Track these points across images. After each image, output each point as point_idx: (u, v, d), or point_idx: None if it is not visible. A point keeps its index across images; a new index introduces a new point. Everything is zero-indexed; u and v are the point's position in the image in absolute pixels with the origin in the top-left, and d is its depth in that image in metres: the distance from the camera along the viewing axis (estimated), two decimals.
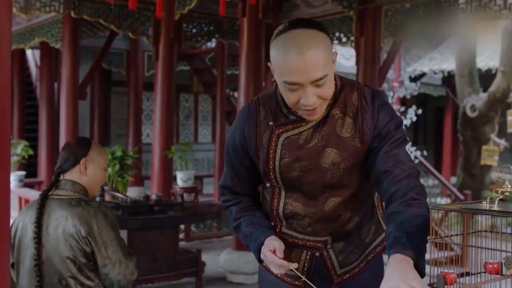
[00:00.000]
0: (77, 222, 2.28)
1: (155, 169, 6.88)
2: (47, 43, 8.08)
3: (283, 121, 1.71)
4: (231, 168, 1.84)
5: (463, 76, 11.09)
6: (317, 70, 1.53)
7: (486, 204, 1.50)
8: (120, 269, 2.30)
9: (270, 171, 1.73)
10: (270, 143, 1.71)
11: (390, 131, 1.68)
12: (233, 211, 1.87)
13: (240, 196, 1.87)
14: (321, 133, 1.68)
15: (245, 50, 5.72)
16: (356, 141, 1.68)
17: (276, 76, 1.62)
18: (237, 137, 1.78)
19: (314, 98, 1.57)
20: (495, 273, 1.51)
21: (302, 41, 1.52)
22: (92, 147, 2.47)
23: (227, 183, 1.87)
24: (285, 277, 1.86)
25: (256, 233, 1.77)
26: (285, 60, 1.54)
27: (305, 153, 1.69)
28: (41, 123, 9.37)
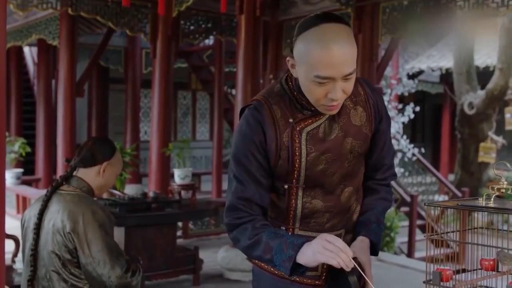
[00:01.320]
0: (65, 217, 2.27)
1: (152, 167, 6.87)
2: (45, 40, 8.07)
3: (300, 116, 1.70)
4: (250, 175, 1.69)
5: (461, 73, 11.11)
6: (350, 64, 1.56)
7: (483, 201, 1.51)
8: (104, 270, 2.23)
9: (295, 170, 1.70)
10: (293, 140, 1.69)
11: (388, 128, 1.86)
12: (249, 229, 1.68)
13: (256, 210, 1.72)
14: (340, 124, 1.73)
15: (242, 47, 5.71)
16: (367, 129, 1.78)
17: (302, 70, 1.60)
18: (256, 137, 1.68)
19: (341, 92, 1.59)
20: (491, 270, 1.51)
21: (337, 36, 1.54)
22: (116, 152, 2.47)
23: (246, 194, 1.69)
24: (304, 279, 1.80)
25: (289, 240, 1.63)
26: (321, 54, 1.53)
27: (329, 145, 1.71)
28: (39, 121, 9.36)
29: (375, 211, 1.84)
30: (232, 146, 1.74)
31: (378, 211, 1.85)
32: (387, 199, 1.90)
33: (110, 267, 2.25)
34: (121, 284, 2.26)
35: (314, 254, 1.57)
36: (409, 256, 7.34)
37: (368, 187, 1.90)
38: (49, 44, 8.19)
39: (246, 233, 1.68)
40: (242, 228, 1.69)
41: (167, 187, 6.45)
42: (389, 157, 1.90)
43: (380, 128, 1.82)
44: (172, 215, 5.14)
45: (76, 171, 2.43)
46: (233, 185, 1.70)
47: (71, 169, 2.43)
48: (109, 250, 2.27)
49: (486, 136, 11.02)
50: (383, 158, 1.88)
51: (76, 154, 2.45)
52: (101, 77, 11.27)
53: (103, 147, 2.45)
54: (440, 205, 1.52)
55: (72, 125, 7.38)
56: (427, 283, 1.49)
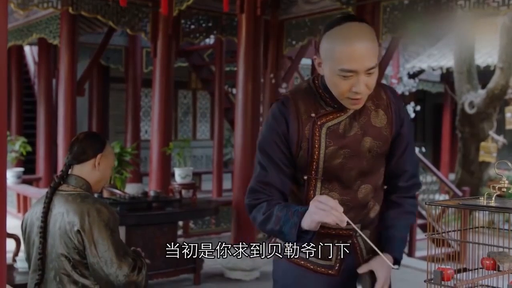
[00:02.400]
0: (71, 219, 2.27)
1: (153, 166, 6.88)
2: (45, 39, 8.07)
3: (323, 112, 1.84)
4: (273, 162, 1.83)
5: (462, 72, 11.10)
6: (372, 58, 1.69)
7: (484, 200, 1.51)
8: (112, 269, 2.23)
9: (313, 161, 1.82)
10: (313, 133, 1.81)
11: (410, 133, 1.96)
12: (264, 206, 1.82)
13: (275, 194, 1.85)
14: (360, 123, 1.84)
15: (243, 47, 5.71)
16: (387, 131, 1.88)
17: (327, 66, 1.73)
18: (280, 129, 1.82)
19: (364, 86, 1.71)
20: (492, 269, 1.51)
21: (361, 32, 1.69)
22: (107, 144, 2.47)
23: (268, 179, 1.83)
24: (318, 268, 1.90)
25: (294, 209, 1.76)
26: (345, 49, 1.67)
27: (348, 141, 1.83)
28: (39, 120, 9.36)
29: (398, 228, 1.93)
30: (260, 137, 1.89)
31: (402, 226, 1.94)
32: (411, 213, 1.98)
33: (117, 266, 2.25)
34: (128, 283, 2.26)
35: (310, 215, 1.68)
36: (409, 255, 7.33)
37: (392, 201, 1.97)
38: (49, 43, 8.20)
39: (262, 210, 1.82)
40: (259, 207, 1.83)
41: (167, 186, 6.45)
42: (411, 164, 1.97)
43: (401, 132, 1.92)
44: (172, 214, 5.14)
45: (71, 168, 2.42)
46: (257, 170, 1.86)
47: (66, 167, 2.42)
48: (116, 249, 2.26)
49: (487, 136, 11.02)
50: (404, 163, 1.95)
51: (68, 152, 2.44)
52: (102, 76, 11.26)
53: (94, 140, 2.45)
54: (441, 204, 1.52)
55: (73, 124, 7.39)
56: (429, 282, 1.49)
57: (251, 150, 5.68)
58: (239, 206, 5.68)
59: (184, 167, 5.52)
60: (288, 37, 7.69)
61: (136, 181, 9.07)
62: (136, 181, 9.07)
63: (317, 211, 1.66)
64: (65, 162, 2.44)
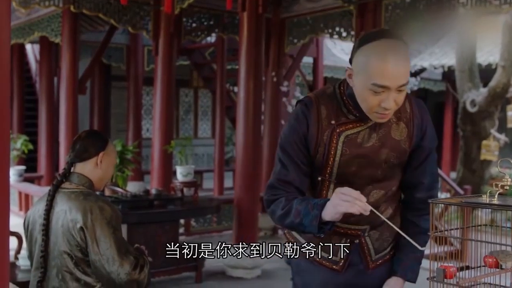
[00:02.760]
0: (74, 216, 2.27)
1: (155, 164, 6.88)
2: (47, 37, 8.07)
3: (343, 120, 1.87)
4: (293, 161, 1.88)
5: (463, 71, 11.08)
6: (405, 76, 1.72)
7: (486, 198, 1.50)
8: (113, 267, 2.23)
9: (328, 166, 1.88)
10: (331, 140, 1.85)
11: (432, 148, 1.97)
12: (283, 201, 1.87)
13: (292, 190, 1.90)
14: (379, 135, 1.88)
15: (245, 45, 5.71)
16: (406, 145, 1.91)
17: (359, 79, 1.75)
18: (300, 130, 1.87)
19: (393, 102, 1.74)
20: (494, 267, 1.51)
21: (395, 50, 1.70)
22: (109, 142, 2.48)
23: (288, 178, 1.89)
24: (323, 261, 1.96)
25: (313, 201, 1.81)
26: (379, 65, 1.69)
27: (364, 151, 1.87)
28: (41, 118, 9.37)
29: (412, 248, 1.90)
30: (282, 135, 1.93)
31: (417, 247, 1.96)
32: (425, 231, 1.97)
33: (119, 264, 2.25)
34: (130, 281, 2.26)
35: (334, 207, 1.73)
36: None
37: (408, 220, 2.00)
38: (51, 41, 8.20)
39: (280, 204, 1.87)
40: (278, 202, 1.89)
41: (169, 184, 6.46)
42: (430, 176, 1.97)
43: (422, 144, 1.94)
44: (174, 212, 5.15)
45: (73, 167, 2.42)
46: (278, 168, 1.92)
47: (68, 165, 2.42)
48: (118, 247, 2.26)
49: (489, 134, 10.99)
50: (421, 174, 1.96)
51: (70, 150, 2.44)
52: (103, 74, 11.27)
53: (96, 138, 2.45)
54: (444, 202, 1.52)
55: (75, 122, 7.39)
56: (431, 280, 1.49)
57: (252, 148, 5.68)
58: (241, 204, 5.68)
59: (185, 165, 5.52)
60: (290, 35, 7.68)
61: (138, 179, 9.08)
62: (138, 179, 9.08)
63: (342, 202, 1.71)
64: (67, 160, 2.44)
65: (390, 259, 2.01)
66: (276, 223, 1.95)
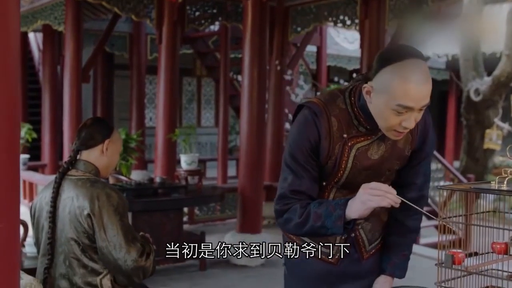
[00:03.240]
0: (81, 203, 2.28)
1: (158, 152, 6.89)
2: (50, 26, 8.05)
3: (354, 133, 1.86)
4: (305, 170, 1.86)
5: (468, 60, 11.04)
6: (427, 97, 1.72)
7: (495, 184, 1.50)
8: (120, 254, 2.24)
9: (336, 176, 1.88)
10: (343, 153, 1.85)
11: (431, 151, 1.99)
12: (298, 209, 1.85)
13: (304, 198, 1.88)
14: (387, 146, 1.88)
15: (249, 33, 5.69)
16: (408, 151, 1.93)
17: (382, 98, 1.72)
18: (312, 138, 1.84)
19: (414, 122, 1.75)
20: (503, 253, 1.51)
21: (423, 72, 1.70)
22: (114, 130, 2.49)
23: (302, 188, 1.87)
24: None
25: (333, 202, 1.82)
26: (406, 86, 1.68)
27: (373, 163, 1.88)
28: (44, 107, 9.37)
29: (401, 247, 2.02)
30: (291, 141, 1.88)
31: (405, 244, 2.03)
32: (414, 230, 2.04)
33: (126, 251, 2.25)
34: (136, 267, 2.27)
35: (364, 203, 1.73)
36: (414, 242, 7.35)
37: (397, 220, 2.01)
38: (54, 30, 8.17)
39: (296, 213, 1.85)
40: (292, 209, 1.86)
41: (173, 172, 6.47)
42: (423, 177, 2.00)
43: (422, 147, 1.95)
44: (178, 200, 5.16)
45: (79, 154, 2.43)
46: (290, 177, 1.87)
47: (74, 153, 2.43)
48: (125, 234, 2.27)
49: (492, 123, 10.98)
50: (415, 175, 1.98)
51: (76, 138, 2.45)
52: (106, 63, 11.25)
53: (101, 126, 2.46)
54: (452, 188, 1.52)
55: (78, 110, 7.39)
56: (440, 265, 1.49)
57: (257, 136, 5.68)
58: (245, 193, 5.69)
59: (190, 153, 5.52)
60: (294, 24, 7.65)
61: (141, 168, 9.09)
62: (141, 168, 9.09)
63: (372, 197, 1.71)
64: (73, 148, 2.44)
65: (381, 247, 2.05)
66: (289, 231, 1.94)
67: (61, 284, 2.33)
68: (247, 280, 5.21)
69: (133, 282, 2.31)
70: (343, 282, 1.98)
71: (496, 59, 10.91)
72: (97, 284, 2.30)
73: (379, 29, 6.29)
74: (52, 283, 2.35)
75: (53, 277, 2.35)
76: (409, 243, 2.03)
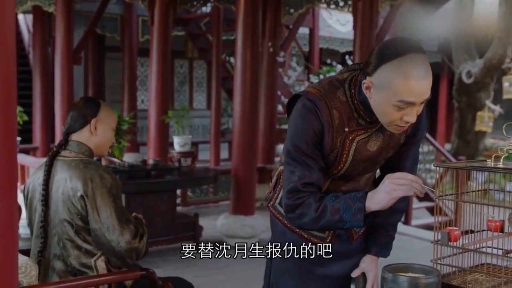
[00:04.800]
0: (74, 185, 2.26)
1: (151, 134, 6.87)
2: (40, 7, 7.97)
3: (355, 126, 1.86)
4: (313, 161, 1.84)
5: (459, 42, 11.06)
6: (429, 91, 1.71)
7: (491, 163, 1.51)
8: (114, 236, 2.24)
9: (336, 168, 1.88)
10: (344, 147, 1.85)
11: (422, 137, 2.01)
12: (312, 203, 1.83)
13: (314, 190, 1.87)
14: (385, 137, 1.89)
15: (242, 14, 5.65)
16: (402, 139, 1.93)
17: (383, 94, 1.71)
18: (316, 129, 1.82)
19: (416, 115, 1.74)
20: (499, 231, 1.53)
21: (424, 66, 1.68)
22: (101, 107, 2.43)
23: (313, 179, 1.85)
24: (311, 238, 2.00)
25: (351, 195, 1.81)
26: (408, 83, 1.67)
27: (372, 154, 1.89)
28: (35, 89, 9.30)
29: (387, 227, 2.04)
30: (293, 133, 1.84)
31: (390, 225, 2.05)
32: (400, 211, 2.04)
33: (119, 233, 2.25)
34: (129, 249, 2.26)
35: (389, 193, 1.72)
36: (406, 224, 7.41)
37: None
38: (44, 11, 8.09)
39: (311, 207, 1.83)
40: (306, 204, 1.83)
41: (166, 155, 6.46)
42: (412, 161, 2.02)
43: (414, 133, 1.95)
44: (171, 182, 5.16)
45: (70, 136, 2.41)
46: (298, 170, 1.84)
47: (64, 135, 2.41)
48: (118, 216, 2.26)
49: (484, 105, 11.03)
50: (404, 159, 2.00)
51: (66, 120, 2.43)
52: (97, 45, 11.16)
53: (87, 106, 2.41)
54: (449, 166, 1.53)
55: (70, 92, 7.35)
56: (436, 243, 1.50)
57: (250, 118, 5.67)
58: (238, 175, 5.69)
59: (183, 135, 5.52)
60: (286, 5, 7.61)
61: (133, 151, 9.07)
62: (133, 151, 9.07)
63: (398, 187, 1.72)
64: (63, 130, 2.43)
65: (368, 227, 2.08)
66: (302, 226, 1.91)
67: (56, 265, 2.32)
68: (240, 261, 5.23)
69: (126, 264, 2.31)
70: (333, 261, 2.00)
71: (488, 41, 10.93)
72: (92, 265, 2.30)
73: (372, 11, 6.27)
74: (46, 265, 2.35)
75: (47, 259, 2.34)
76: (394, 223, 2.05)
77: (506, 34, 9.96)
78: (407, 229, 6.69)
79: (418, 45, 1.71)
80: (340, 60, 11.41)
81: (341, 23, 12.55)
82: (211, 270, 4.95)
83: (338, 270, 2.02)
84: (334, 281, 2.01)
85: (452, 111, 12.95)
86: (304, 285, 2.03)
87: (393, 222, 2.04)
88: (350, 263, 2.03)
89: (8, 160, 1.19)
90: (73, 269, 2.30)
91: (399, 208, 2.00)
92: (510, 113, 11.85)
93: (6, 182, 1.22)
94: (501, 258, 1.55)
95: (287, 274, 2.06)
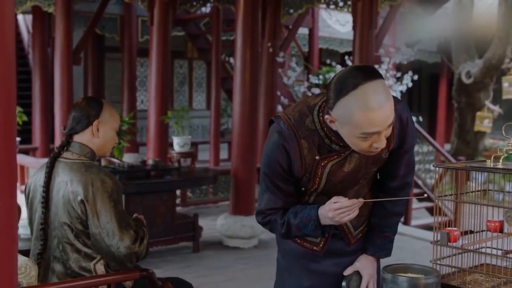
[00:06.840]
0: (74, 188, 2.24)
1: (151, 135, 6.87)
2: (40, 7, 7.97)
3: (327, 152, 1.83)
4: (279, 190, 1.89)
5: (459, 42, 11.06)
6: (392, 115, 1.65)
7: (491, 163, 1.51)
8: (113, 241, 2.22)
9: (312, 187, 1.89)
10: (316, 171, 1.84)
11: (412, 146, 1.94)
12: (278, 220, 1.92)
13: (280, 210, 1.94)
14: (362, 156, 1.83)
15: (241, 15, 5.65)
16: (384, 154, 1.86)
17: (345, 129, 1.67)
18: (283, 163, 1.83)
19: (385, 140, 1.69)
20: (498, 231, 1.53)
21: (381, 93, 1.61)
22: (104, 108, 2.40)
23: (279, 205, 1.91)
24: (304, 243, 2.01)
25: (306, 214, 1.85)
26: (368, 115, 1.60)
27: (348, 173, 1.86)
28: (35, 89, 9.30)
29: (382, 228, 2.02)
30: (264, 160, 1.88)
31: (386, 226, 2.02)
32: (398, 214, 2.02)
33: (119, 238, 2.23)
34: (129, 254, 2.25)
35: (332, 219, 1.78)
36: (405, 224, 7.41)
37: (380, 205, 2.02)
38: (44, 11, 8.09)
39: (277, 224, 1.93)
40: (273, 221, 1.94)
41: (165, 155, 6.46)
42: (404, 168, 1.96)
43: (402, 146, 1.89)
44: (171, 182, 5.16)
45: (72, 137, 2.38)
46: (267, 196, 1.92)
47: (66, 137, 2.38)
48: (118, 221, 2.24)
49: (483, 105, 11.03)
50: (398, 167, 1.96)
51: (68, 122, 2.41)
52: (97, 45, 11.16)
53: (89, 107, 2.38)
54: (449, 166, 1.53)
55: (70, 93, 7.35)
56: (435, 244, 1.50)
57: (249, 118, 5.67)
58: (238, 175, 5.69)
59: (182, 135, 5.51)
60: (286, 5, 7.61)
61: (133, 151, 9.07)
62: (133, 151, 9.07)
63: (340, 216, 1.76)
64: (65, 132, 2.41)
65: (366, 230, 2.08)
66: (280, 236, 2.01)
67: (55, 267, 2.32)
68: (240, 261, 5.24)
69: (126, 267, 2.29)
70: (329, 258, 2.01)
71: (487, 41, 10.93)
72: (91, 269, 2.28)
73: (371, 11, 6.26)
74: (46, 266, 2.34)
75: (46, 261, 2.34)
76: (391, 225, 2.02)
77: (506, 34, 9.97)
78: (406, 229, 6.70)
79: (372, 71, 1.64)
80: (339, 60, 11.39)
81: (340, 24, 12.55)
82: (211, 270, 4.96)
83: (334, 267, 2.02)
84: (331, 278, 2.02)
85: (451, 112, 12.95)
86: (299, 279, 2.04)
87: (389, 224, 2.01)
88: (347, 261, 2.03)
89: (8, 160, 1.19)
90: (72, 272, 2.29)
91: (396, 211, 2.00)
92: (509, 114, 11.86)
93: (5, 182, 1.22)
94: (501, 258, 1.55)
95: (285, 271, 2.08)
